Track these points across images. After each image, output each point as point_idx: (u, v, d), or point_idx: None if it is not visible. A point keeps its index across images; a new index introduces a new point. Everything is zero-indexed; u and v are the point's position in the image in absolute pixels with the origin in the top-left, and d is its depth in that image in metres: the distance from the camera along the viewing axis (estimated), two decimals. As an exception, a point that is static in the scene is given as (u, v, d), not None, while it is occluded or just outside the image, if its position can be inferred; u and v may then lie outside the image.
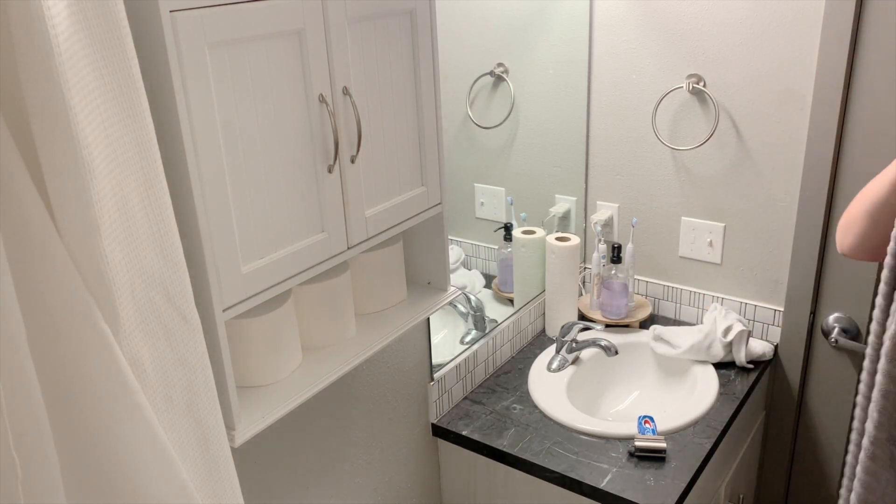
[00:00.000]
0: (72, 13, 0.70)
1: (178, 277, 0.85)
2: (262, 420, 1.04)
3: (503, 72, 1.80)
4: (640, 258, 2.09)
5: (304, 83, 0.99)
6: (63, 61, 0.69)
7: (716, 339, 1.85)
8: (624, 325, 2.03)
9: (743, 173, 1.87)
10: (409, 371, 1.64)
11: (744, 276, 1.95)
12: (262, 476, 1.31)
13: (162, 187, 0.82)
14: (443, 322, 1.79)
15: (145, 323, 0.83)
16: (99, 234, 0.75)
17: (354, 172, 1.10)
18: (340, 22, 1.02)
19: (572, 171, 2.09)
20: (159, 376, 0.85)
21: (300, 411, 1.36)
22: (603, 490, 1.48)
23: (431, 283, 1.39)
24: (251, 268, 0.97)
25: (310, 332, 1.21)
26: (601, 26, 1.95)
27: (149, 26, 0.81)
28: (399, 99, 1.17)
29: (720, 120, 1.85)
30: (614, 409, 1.90)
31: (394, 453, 1.65)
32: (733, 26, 1.76)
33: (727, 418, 1.68)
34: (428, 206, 1.27)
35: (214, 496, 0.95)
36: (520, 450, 1.61)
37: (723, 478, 1.80)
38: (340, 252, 1.10)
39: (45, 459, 0.74)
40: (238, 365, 1.08)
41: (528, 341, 2.03)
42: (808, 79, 1.71)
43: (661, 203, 2.01)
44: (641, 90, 1.94)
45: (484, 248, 1.91)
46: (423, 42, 1.18)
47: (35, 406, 0.73)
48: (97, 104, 0.74)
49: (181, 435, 0.89)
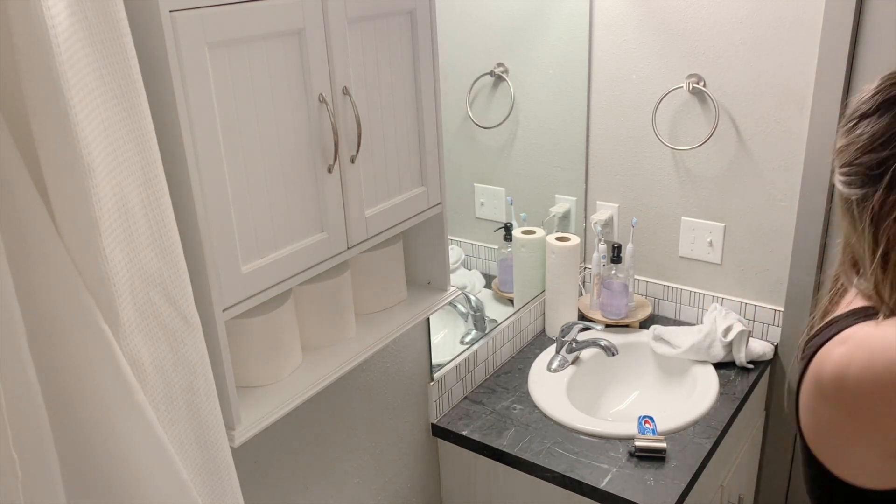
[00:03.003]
0: (72, 13, 0.70)
1: (178, 277, 0.85)
2: (262, 420, 1.04)
3: (503, 72, 1.80)
4: (640, 258, 2.09)
5: (304, 83, 0.99)
6: (63, 61, 0.69)
7: (716, 339, 1.85)
8: (624, 325, 2.03)
9: (743, 173, 1.87)
10: (409, 371, 1.64)
11: (744, 276, 1.95)
12: (262, 476, 1.31)
13: (162, 187, 0.82)
14: (443, 322, 1.79)
15: (145, 323, 0.83)
16: (99, 234, 0.75)
17: (354, 172, 1.10)
18: (340, 22, 1.02)
19: (572, 171, 2.09)
20: (159, 376, 0.85)
21: (300, 411, 1.36)
22: (603, 490, 1.48)
23: (431, 283, 1.39)
24: (251, 268, 0.97)
25: (310, 332, 1.21)
26: (601, 26, 1.95)
27: (149, 26, 0.81)
28: (399, 99, 1.17)
29: (720, 120, 1.85)
30: (614, 409, 1.90)
31: (394, 453, 1.65)
32: (733, 26, 1.76)
33: (727, 418, 1.68)
34: (428, 206, 1.27)
35: (214, 496, 0.95)
36: (520, 450, 1.60)
37: (723, 478, 1.80)
38: (340, 252, 1.10)
39: (45, 459, 0.74)
40: (238, 365, 1.08)
41: (528, 341, 2.03)
42: (808, 79, 1.71)
43: (661, 203, 2.01)
44: (641, 90, 1.94)
45: (484, 248, 1.91)
46: (423, 42, 1.18)
47: (35, 406, 0.73)
48: (97, 104, 0.74)
49: (181, 435, 0.89)
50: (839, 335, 0.85)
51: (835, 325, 0.88)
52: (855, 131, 0.85)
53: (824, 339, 0.87)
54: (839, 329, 0.86)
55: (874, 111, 0.84)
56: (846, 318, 0.87)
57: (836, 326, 0.87)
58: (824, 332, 0.88)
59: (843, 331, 0.85)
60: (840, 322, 0.87)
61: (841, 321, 0.87)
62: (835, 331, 0.86)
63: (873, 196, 0.82)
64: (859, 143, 0.84)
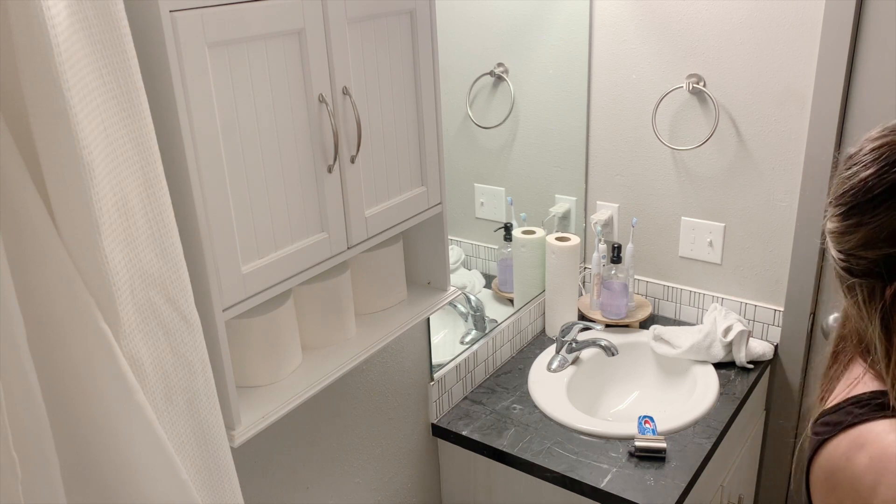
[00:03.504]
0: (72, 13, 0.70)
1: (178, 277, 0.85)
2: (262, 420, 1.04)
3: (503, 72, 1.80)
4: (640, 258, 2.09)
5: (304, 83, 0.99)
6: (63, 61, 0.69)
7: (716, 339, 1.85)
8: (624, 325, 2.03)
9: (743, 173, 1.87)
10: (409, 371, 1.64)
11: (744, 276, 1.95)
12: (262, 476, 1.31)
13: (162, 187, 0.82)
14: (443, 322, 1.79)
15: (145, 323, 0.83)
16: (99, 234, 0.75)
17: (354, 172, 1.10)
18: (340, 22, 1.02)
19: (572, 171, 2.09)
20: (159, 376, 0.85)
21: (300, 411, 1.36)
22: (603, 490, 1.48)
23: (431, 283, 1.39)
24: (251, 268, 0.97)
25: (310, 332, 1.21)
26: (601, 26, 1.95)
27: (149, 26, 0.81)
28: (399, 99, 1.17)
29: (720, 120, 1.85)
30: (614, 409, 1.90)
31: (394, 453, 1.65)
32: (733, 26, 1.76)
33: (727, 418, 1.68)
34: (428, 206, 1.27)
35: (214, 496, 0.95)
36: (520, 450, 1.60)
37: (723, 478, 1.80)
38: (340, 252, 1.10)
39: (45, 459, 0.74)
40: (238, 365, 1.08)
41: (528, 341, 2.03)
42: (808, 79, 1.71)
43: (661, 203, 2.01)
44: (641, 90, 1.94)
45: (484, 248, 1.91)
46: (423, 42, 1.18)
47: (35, 406, 0.73)
48: (97, 104, 0.74)
49: (181, 435, 0.89)
50: (854, 431, 0.80)
51: (848, 412, 0.82)
52: (852, 218, 0.78)
53: (837, 424, 0.82)
54: (853, 421, 0.81)
55: (880, 197, 0.76)
56: (860, 408, 0.82)
57: (849, 414, 0.82)
58: (838, 413, 0.84)
59: (857, 425, 0.80)
60: (853, 410, 0.82)
61: (854, 409, 0.82)
62: (848, 420, 0.81)
63: (883, 291, 0.76)
64: (861, 236, 0.77)
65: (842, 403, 0.85)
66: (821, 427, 0.85)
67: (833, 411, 0.85)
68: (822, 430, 0.85)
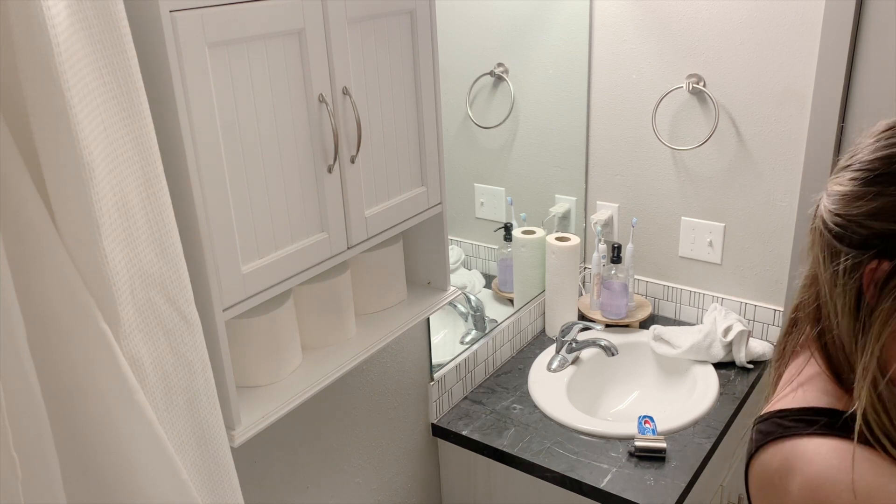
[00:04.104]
0: (72, 13, 0.70)
1: (178, 277, 0.85)
2: (263, 420, 1.04)
3: (503, 72, 1.80)
4: (640, 258, 2.09)
5: (304, 83, 0.99)
6: (63, 61, 0.69)
7: (716, 339, 1.85)
8: (624, 325, 2.03)
9: (743, 173, 1.87)
10: (409, 371, 1.64)
11: (744, 276, 1.95)
12: (262, 476, 1.31)
13: (162, 187, 0.82)
14: (443, 322, 1.79)
15: (145, 323, 0.83)
16: (99, 234, 0.75)
17: (354, 172, 1.10)
18: (340, 22, 1.02)
19: (572, 171, 2.09)
20: (159, 376, 0.85)
21: (300, 411, 1.36)
22: (603, 490, 1.48)
23: (431, 283, 1.39)
24: (251, 268, 0.97)
25: (310, 332, 1.21)
26: (601, 26, 1.95)
27: (149, 26, 0.81)
28: (399, 99, 1.17)
29: (720, 120, 1.85)
30: (614, 409, 1.90)
31: (394, 453, 1.65)
32: (733, 26, 1.76)
33: (727, 418, 1.68)
34: (428, 206, 1.27)
35: (214, 496, 0.95)
36: (520, 450, 1.60)
37: (722, 478, 1.80)
38: (340, 252, 1.10)
39: (45, 459, 0.74)
40: (238, 365, 1.08)
41: (528, 341, 2.03)
42: (808, 79, 1.71)
43: (661, 203, 2.01)
44: (641, 90, 1.94)
45: (484, 248, 1.91)
46: (423, 42, 1.18)
47: (35, 406, 0.73)
48: (97, 104, 0.74)
49: (181, 435, 0.89)
50: (785, 446, 0.78)
51: (783, 422, 0.81)
52: (875, 186, 0.74)
53: (769, 434, 0.81)
54: (788, 433, 0.79)
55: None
56: (796, 422, 0.80)
57: (785, 426, 0.80)
58: (769, 423, 0.83)
59: (791, 439, 0.78)
60: (788, 422, 0.80)
61: (790, 421, 0.80)
62: (781, 431, 0.80)
63: (867, 265, 0.73)
64: (877, 205, 0.74)
65: (773, 414, 0.83)
66: (756, 434, 0.84)
67: (765, 419, 0.84)
68: (757, 436, 0.84)
